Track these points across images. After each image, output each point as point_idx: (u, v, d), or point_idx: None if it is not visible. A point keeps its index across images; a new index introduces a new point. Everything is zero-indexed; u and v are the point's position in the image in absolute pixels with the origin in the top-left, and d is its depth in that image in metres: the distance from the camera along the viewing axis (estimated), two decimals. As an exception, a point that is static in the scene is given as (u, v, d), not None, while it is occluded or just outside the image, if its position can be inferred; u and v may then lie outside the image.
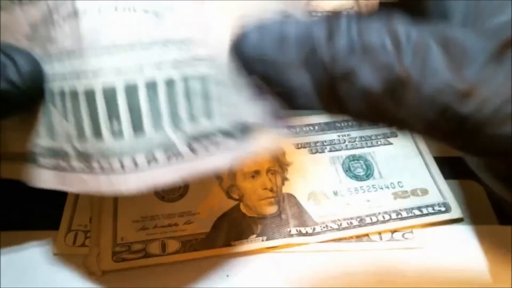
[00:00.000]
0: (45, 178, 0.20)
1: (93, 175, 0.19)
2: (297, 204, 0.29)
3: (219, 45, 0.18)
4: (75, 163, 0.20)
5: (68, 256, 0.28)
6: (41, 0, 0.19)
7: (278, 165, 0.32)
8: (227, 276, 0.27)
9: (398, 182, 0.31)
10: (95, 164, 0.19)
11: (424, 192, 0.30)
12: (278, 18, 0.17)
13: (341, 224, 0.29)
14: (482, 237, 0.29)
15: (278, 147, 0.21)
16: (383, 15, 0.16)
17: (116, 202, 0.29)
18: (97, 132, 0.19)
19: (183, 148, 0.19)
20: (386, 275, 0.27)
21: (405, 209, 0.29)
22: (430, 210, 0.29)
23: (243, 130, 0.19)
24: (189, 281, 0.27)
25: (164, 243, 0.28)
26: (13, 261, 0.28)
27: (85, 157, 0.19)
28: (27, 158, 0.21)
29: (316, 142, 0.33)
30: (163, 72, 0.19)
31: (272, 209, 0.29)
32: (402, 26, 0.16)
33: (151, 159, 0.19)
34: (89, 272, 0.27)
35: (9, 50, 0.19)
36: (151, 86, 0.19)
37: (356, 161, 0.32)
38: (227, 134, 0.19)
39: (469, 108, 0.15)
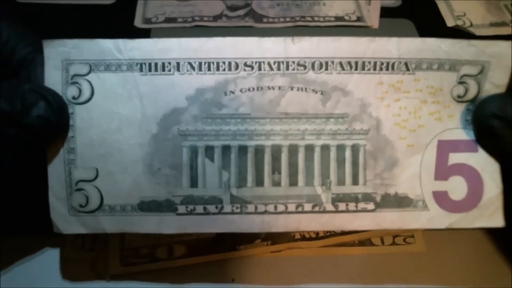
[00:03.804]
0: (186, 224, 0.24)
1: (244, 216, 0.24)
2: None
3: (372, 121, 0.24)
4: (227, 206, 0.24)
5: (76, 260, 0.28)
6: (215, 74, 0.23)
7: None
8: (232, 280, 0.28)
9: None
10: (250, 207, 0.24)
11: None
12: None
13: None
14: (483, 241, 0.29)
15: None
16: None
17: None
18: (260, 181, 0.24)
19: (327, 204, 0.24)
20: (388, 279, 0.28)
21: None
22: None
23: (385, 199, 0.24)
24: (194, 285, 0.28)
25: (171, 248, 0.29)
26: (22, 265, 0.28)
27: (240, 201, 0.24)
28: (163, 210, 0.24)
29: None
30: (321, 140, 0.24)
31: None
32: None
33: (299, 206, 0.24)
34: (97, 276, 0.28)
35: (41, 90, 0.22)
36: (309, 149, 0.24)
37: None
38: (368, 198, 0.24)
39: None
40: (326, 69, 0.24)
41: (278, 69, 0.23)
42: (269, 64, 0.23)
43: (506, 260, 0.29)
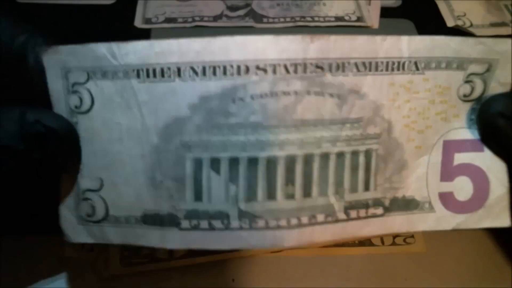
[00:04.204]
0: (190, 240, 0.22)
1: (254, 231, 0.22)
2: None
3: (384, 124, 0.23)
4: (234, 222, 0.22)
5: (76, 260, 0.28)
6: (222, 79, 0.21)
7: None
8: (233, 280, 0.28)
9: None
10: (260, 222, 0.22)
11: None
12: None
13: (344, 229, 0.29)
14: (483, 241, 0.29)
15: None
16: None
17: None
18: (271, 194, 0.22)
19: (340, 212, 0.23)
20: (388, 279, 0.28)
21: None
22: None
23: (394, 202, 0.23)
24: (195, 285, 0.28)
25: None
26: (22, 265, 0.28)
27: (249, 216, 0.22)
28: (166, 224, 0.22)
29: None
30: (337, 147, 0.22)
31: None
32: None
33: (312, 218, 0.22)
34: (97, 276, 0.27)
35: (47, 119, 0.21)
36: (325, 157, 0.22)
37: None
38: (377, 203, 0.23)
39: None
40: (343, 70, 0.22)
41: (295, 72, 0.21)
42: (285, 66, 0.21)
43: (507, 260, 0.29)
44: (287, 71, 0.21)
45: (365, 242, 0.29)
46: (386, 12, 0.37)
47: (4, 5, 0.24)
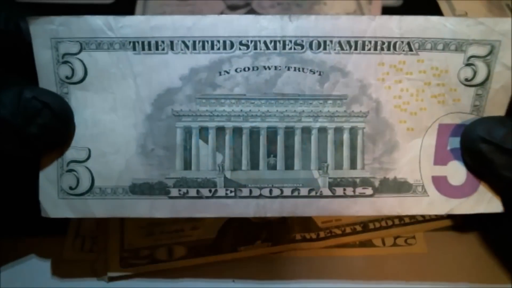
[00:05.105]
0: (178, 208, 0.23)
1: (238, 200, 0.23)
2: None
3: (372, 103, 0.23)
4: (221, 190, 0.23)
5: (76, 261, 0.28)
6: (209, 53, 0.22)
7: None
8: (233, 281, 0.28)
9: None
10: (245, 191, 0.23)
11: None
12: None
13: (344, 229, 0.29)
14: (483, 242, 0.29)
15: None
16: None
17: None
18: (254, 164, 0.23)
19: (324, 188, 0.23)
20: (389, 280, 0.28)
21: (408, 215, 0.29)
22: (433, 216, 0.29)
23: (384, 183, 0.23)
24: (195, 286, 0.27)
25: (170, 249, 0.28)
26: (22, 265, 0.28)
27: (234, 185, 0.23)
28: (155, 193, 0.23)
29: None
30: (318, 122, 0.23)
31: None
32: None
33: (295, 191, 0.23)
34: (96, 277, 0.27)
35: (43, 96, 0.21)
36: (306, 131, 0.23)
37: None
38: (366, 183, 0.23)
39: None
40: (325, 48, 0.22)
41: (275, 48, 0.22)
42: (265, 43, 0.22)
43: (507, 261, 0.29)
44: (267, 47, 0.22)
45: (366, 243, 0.29)
46: (387, 12, 0.37)
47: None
